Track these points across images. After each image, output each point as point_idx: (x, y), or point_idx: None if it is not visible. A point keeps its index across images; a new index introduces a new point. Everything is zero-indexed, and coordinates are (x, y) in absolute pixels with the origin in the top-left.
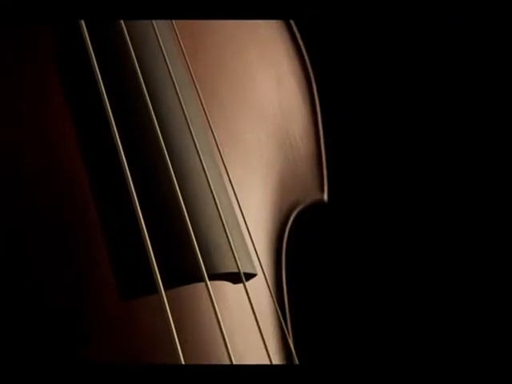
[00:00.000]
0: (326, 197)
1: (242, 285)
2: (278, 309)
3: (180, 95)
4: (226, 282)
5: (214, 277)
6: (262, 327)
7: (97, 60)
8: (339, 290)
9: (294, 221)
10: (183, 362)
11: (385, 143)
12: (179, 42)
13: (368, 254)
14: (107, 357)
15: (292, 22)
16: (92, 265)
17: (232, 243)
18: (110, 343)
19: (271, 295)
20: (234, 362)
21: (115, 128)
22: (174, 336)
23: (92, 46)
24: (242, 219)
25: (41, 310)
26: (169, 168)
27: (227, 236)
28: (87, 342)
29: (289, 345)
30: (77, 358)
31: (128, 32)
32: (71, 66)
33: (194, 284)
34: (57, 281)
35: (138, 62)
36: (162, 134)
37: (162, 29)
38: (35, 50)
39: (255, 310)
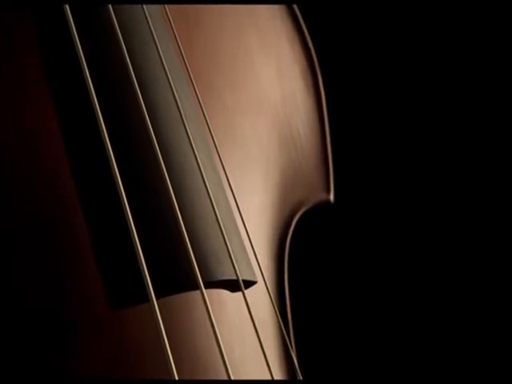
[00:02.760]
0: (332, 197)
1: (240, 293)
2: (279, 319)
3: (173, 85)
4: (223, 290)
5: (211, 284)
6: (262, 339)
7: (82, 47)
8: (346, 299)
9: (297, 223)
10: (176, 376)
11: (395, 139)
12: (172, 28)
13: (378, 259)
14: (94, 369)
15: (295, 5)
16: (79, 270)
17: (230, 248)
18: (97, 354)
19: (272, 304)
20: (232, 377)
21: (103, 124)
22: (166, 348)
23: (77, 33)
24: (241, 222)
25: (22, 316)
26: (161, 166)
27: (225, 240)
28: (72, 352)
29: (291, 357)
30: (61, 370)
31: (116, 17)
32: (54, 54)
33: (189, 292)
34: (39, 286)
35: (126, 50)
36: (153, 128)
37: (153, 13)
38: (13, 37)
39: (255, 320)
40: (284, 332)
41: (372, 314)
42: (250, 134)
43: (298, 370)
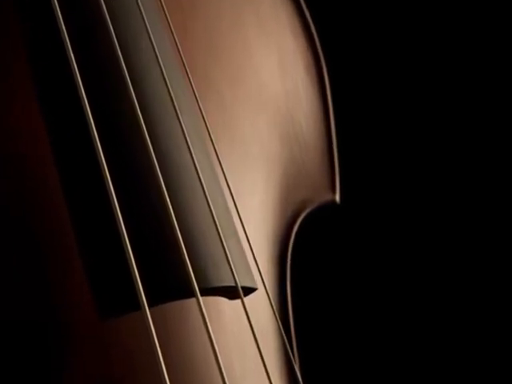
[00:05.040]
0: (337, 197)
1: (239, 301)
2: (281, 328)
3: (167, 78)
4: (220, 298)
5: (207, 291)
6: (262, 350)
7: (69, 36)
8: (353, 305)
9: (300, 225)
10: None
11: (404, 135)
12: (166, 16)
13: (387, 264)
14: (80, 382)
15: None
16: (64, 276)
17: (228, 252)
18: (85, 369)
19: (273, 312)
20: None
21: (92, 120)
22: (160, 361)
23: (63, 20)
24: (240, 224)
25: (2, 328)
26: (154, 165)
27: (222, 244)
28: (59, 367)
29: (294, 370)
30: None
31: (105, 3)
32: (39, 44)
33: (184, 300)
34: (22, 294)
35: (117, 39)
36: (145, 124)
37: (145, 0)
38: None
39: (255, 329)
40: (286, 342)
41: (380, 323)
42: (250, 130)
43: (301, 382)
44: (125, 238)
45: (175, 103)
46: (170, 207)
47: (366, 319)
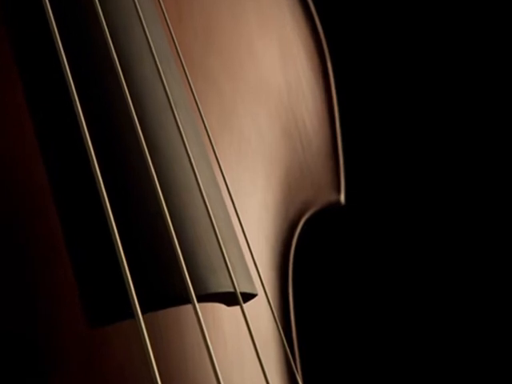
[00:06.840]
0: (342, 198)
1: (238, 307)
2: (283, 337)
3: (160, 69)
4: (218, 305)
5: (205, 298)
6: (263, 359)
7: (57, 26)
8: (359, 312)
9: (303, 228)
10: None
11: (411, 132)
12: (160, 4)
13: (393, 269)
14: None
15: None
16: (52, 282)
17: (226, 256)
18: (75, 381)
19: (275, 319)
20: None
21: (81, 115)
22: (154, 372)
23: (52, 12)
24: (239, 225)
25: None
26: (147, 162)
27: (220, 247)
28: (47, 380)
29: (296, 379)
30: None
31: None
32: (25, 32)
33: (180, 307)
34: (6, 303)
35: (108, 30)
36: (138, 119)
37: None
38: None
39: (255, 338)
40: (288, 351)
41: (385, 329)
42: (250, 126)
43: None
44: (118, 243)
45: (170, 95)
46: (165, 209)
47: (372, 325)
